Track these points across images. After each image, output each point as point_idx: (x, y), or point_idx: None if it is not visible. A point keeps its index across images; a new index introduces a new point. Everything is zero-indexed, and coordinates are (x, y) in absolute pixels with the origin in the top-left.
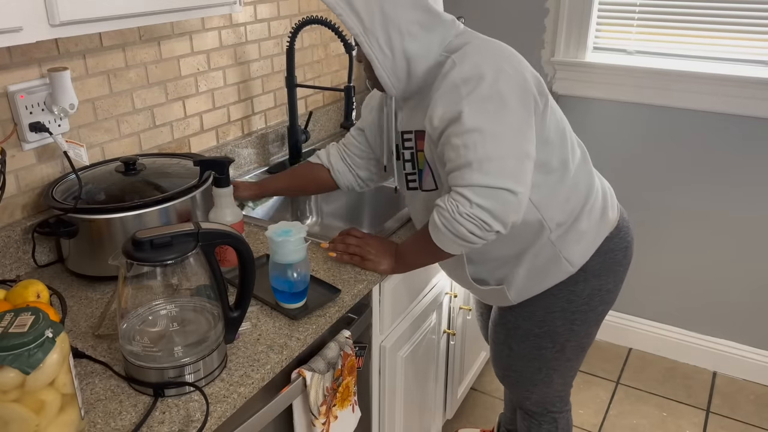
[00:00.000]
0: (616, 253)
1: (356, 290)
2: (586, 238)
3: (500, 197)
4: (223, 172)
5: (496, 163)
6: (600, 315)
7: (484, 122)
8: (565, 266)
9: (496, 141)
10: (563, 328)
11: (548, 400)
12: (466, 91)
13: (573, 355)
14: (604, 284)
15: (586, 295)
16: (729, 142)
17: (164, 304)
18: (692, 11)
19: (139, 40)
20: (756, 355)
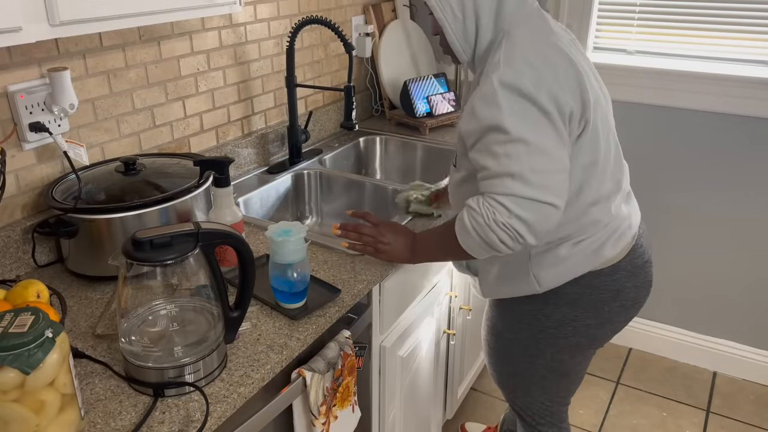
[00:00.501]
0: (601, 291)
1: (356, 290)
2: (564, 264)
3: (542, 211)
4: (223, 172)
5: (540, 176)
6: (574, 347)
7: (528, 133)
8: (531, 283)
9: (541, 153)
10: (529, 342)
11: (535, 412)
12: (506, 99)
13: (549, 375)
14: (580, 317)
15: (555, 320)
16: (729, 142)
17: (164, 304)
18: (692, 11)
19: (139, 40)
20: (756, 355)
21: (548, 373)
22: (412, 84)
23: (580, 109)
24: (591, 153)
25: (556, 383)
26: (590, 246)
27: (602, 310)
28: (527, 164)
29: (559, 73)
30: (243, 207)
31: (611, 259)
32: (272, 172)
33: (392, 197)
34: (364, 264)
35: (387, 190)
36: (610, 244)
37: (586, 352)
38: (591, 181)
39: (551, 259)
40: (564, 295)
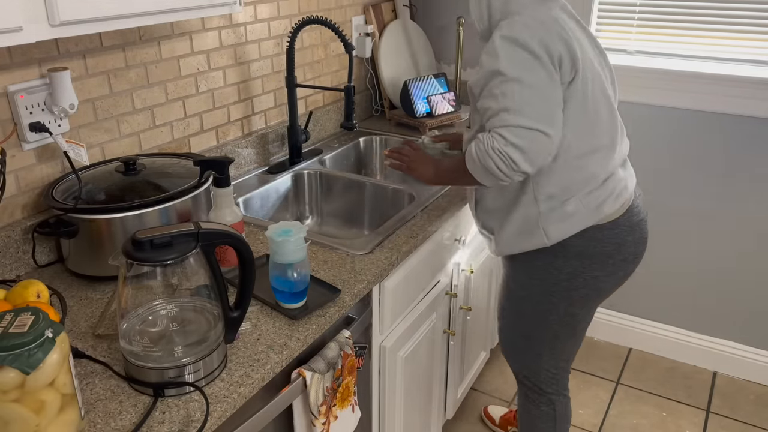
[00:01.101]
0: (605, 244)
1: (356, 290)
2: (569, 220)
3: (535, 139)
4: (223, 172)
5: (532, 108)
6: (584, 298)
7: (521, 73)
8: (540, 236)
9: (533, 89)
10: (542, 297)
11: (541, 378)
12: (505, 51)
13: (560, 332)
14: (588, 269)
15: (567, 272)
16: (729, 142)
17: (164, 304)
18: (692, 11)
19: (139, 40)
20: (756, 355)
21: (560, 329)
22: (412, 84)
23: (570, 58)
24: (583, 101)
25: (565, 342)
26: (592, 202)
27: (607, 263)
28: (521, 99)
29: (551, 28)
30: (243, 207)
31: (611, 215)
32: (272, 172)
33: (392, 197)
34: (365, 264)
35: (387, 190)
36: (609, 202)
37: (593, 306)
38: (585, 129)
39: (558, 215)
40: (571, 248)
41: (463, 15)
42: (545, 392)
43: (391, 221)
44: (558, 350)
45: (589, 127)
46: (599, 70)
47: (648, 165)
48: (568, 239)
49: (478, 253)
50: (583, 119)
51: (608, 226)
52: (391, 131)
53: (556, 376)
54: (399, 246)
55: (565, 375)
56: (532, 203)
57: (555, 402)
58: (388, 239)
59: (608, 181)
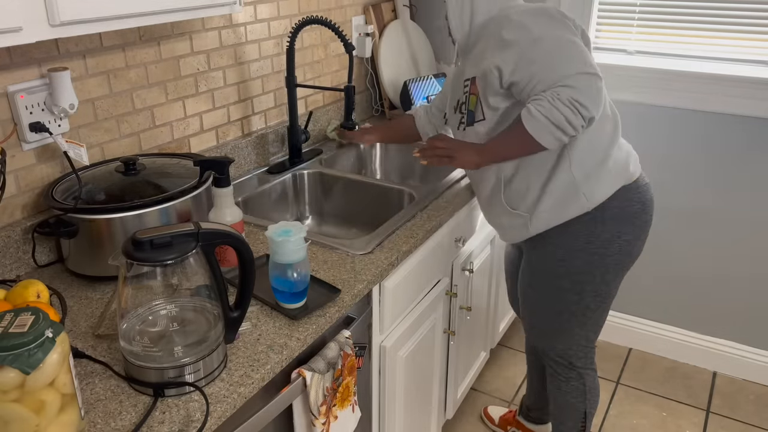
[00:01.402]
0: (633, 204)
1: (356, 290)
2: (606, 179)
3: (592, 81)
4: (223, 172)
5: (578, 57)
6: (618, 265)
7: (556, 31)
8: (582, 201)
9: (572, 43)
10: (581, 269)
11: (572, 353)
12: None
13: (593, 303)
14: (623, 232)
15: (604, 239)
16: (729, 143)
17: (164, 304)
18: (692, 11)
19: (139, 40)
20: (756, 355)
21: (592, 300)
22: (412, 84)
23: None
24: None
25: (596, 312)
26: (620, 162)
27: (635, 224)
28: (564, 51)
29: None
30: (243, 207)
31: (634, 173)
32: (272, 172)
33: (392, 197)
34: (365, 264)
35: (387, 190)
36: (631, 161)
37: (623, 272)
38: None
39: (595, 178)
40: (608, 211)
41: None
42: (575, 367)
43: (391, 221)
44: (589, 323)
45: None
46: None
47: (648, 165)
48: (605, 201)
49: (478, 253)
50: None
51: (633, 186)
52: None
53: (585, 348)
54: (399, 246)
55: (593, 348)
56: (567, 171)
57: (584, 376)
58: (388, 239)
59: (621, 142)
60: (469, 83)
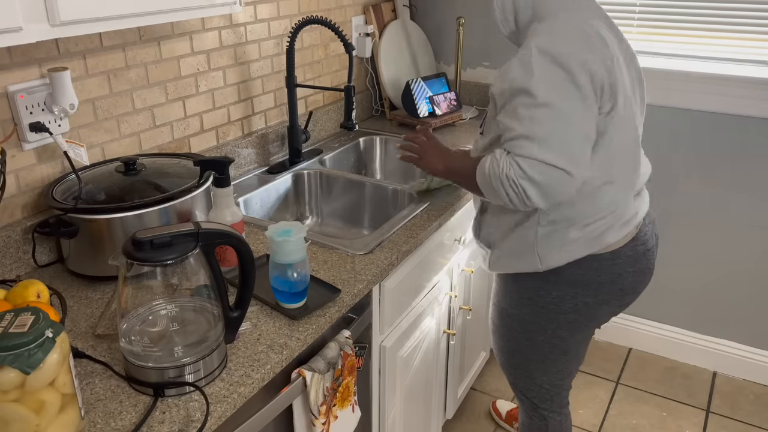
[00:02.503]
0: (600, 274)
1: (356, 290)
2: (569, 247)
3: (555, 176)
4: (223, 172)
5: (560, 142)
6: (573, 324)
7: (555, 99)
8: (534, 260)
9: (565, 120)
10: (530, 318)
11: (535, 395)
12: (539, 65)
13: (549, 353)
14: (579, 294)
15: (555, 296)
16: (729, 143)
17: (164, 304)
18: (692, 11)
19: (139, 40)
20: (756, 355)
21: (549, 350)
22: (414, 84)
23: (609, 86)
24: (614, 134)
25: (557, 362)
26: (595, 231)
27: (601, 291)
28: (549, 129)
29: (594, 46)
30: (243, 207)
31: (613, 244)
32: (272, 172)
33: (392, 197)
34: (365, 264)
35: (387, 190)
36: (613, 231)
37: (585, 331)
38: (607, 161)
39: (556, 241)
40: (563, 275)
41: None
42: (538, 407)
43: (391, 221)
44: (550, 369)
45: (611, 160)
46: (631, 95)
47: None
48: (562, 266)
49: (478, 253)
50: (608, 152)
51: (608, 257)
52: (392, 131)
53: (549, 392)
54: (399, 246)
55: (561, 392)
56: (533, 226)
57: (548, 419)
58: (388, 239)
59: (617, 210)
60: None
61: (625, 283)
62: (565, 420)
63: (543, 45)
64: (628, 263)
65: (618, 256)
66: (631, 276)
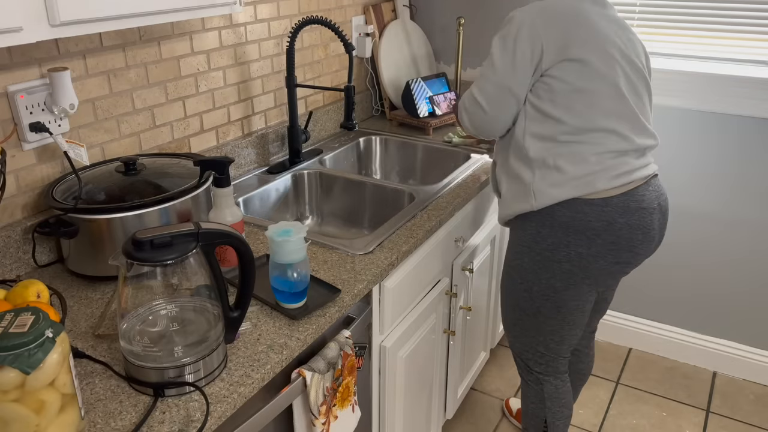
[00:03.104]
0: (591, 219)
1: (356, 290)
2: (559, 186)
3: (475, 107)
4: (223, 172)
5: (483, 82)
6: (567, 274)
7: (496, 52)
8: (529, 199)
9: (494, 68)
10: (528, 266)
11: (528, 356)
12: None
13: (544, 308)
14: (573, 242)
15: (550, 242)
16: (729, 143)
17: (164, 304)
18: (692, 11)
19: (139, 40)
20: (756, 355)
21: (542, 303)
22: (414, 84)
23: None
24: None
25: (550, 319)
26: (584, 175)
27: (594, 241)
28: (483, 73)
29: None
30: (243, 207)
31: (602, 192)
32: (272, 172)
33: (392, 197)
34: (365, 264)
35: (387, 190)
36: (603, 178)
37: (580, 287)
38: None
39: (549, 181)
40: (557, 218)
41: (462, 15)
42: (532, 371)
43: (391, 221)
44: (546, 329)
45: (583, 109)
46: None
47: None
48: (554, 207)
49: (478, 253)
50: (577, 101)
51: (598, 202)
52: (392, 131)
53: (545, 356)
54: (399, 246)
55: (557, 359)
56: (529, 167)
57: (543, 382)
58: (388, 239)
59: (606, 159)
60: None
61: (619, 234)
62: (562, 386)
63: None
64: (617, 212)
65: (608, 204)
66: (624, 228)
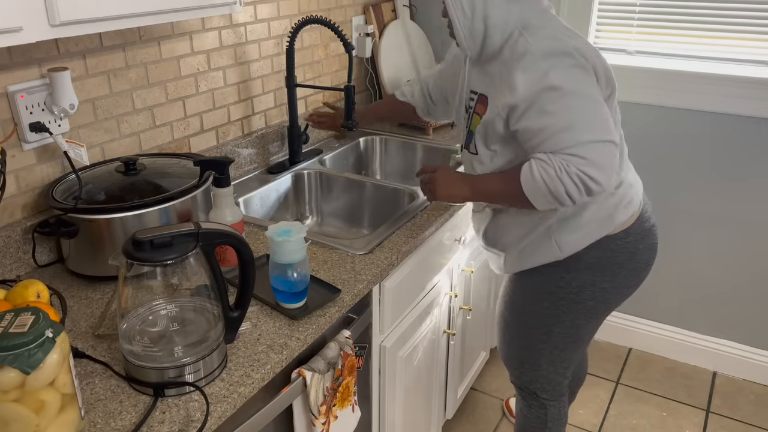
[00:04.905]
0: (617, 254)
1: (356, 290)
2: (585, 229)
3: (608, 150)
4: (223, 172)
5: (598, 119)
6: (591, 311)
7: (579, 86)
8: (554, 249)
9: (592, 100)
10: (549, 311)
11: (538, 385)
12: (550, 64)
13: (561, 343)
14: (598, 280)
15: (576, 285)
16: (729, 143)
17: (164, 304)
18: (692, 11)
19: (139, 40)
20: (756, 355)
21: (562, 341)
22: None
23: (603, 70)
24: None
25: (566, 351)
26: (605, 211)
27: (618, 274)
28: (584, 111)
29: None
30: (243, 207)
31: (624, 223)
32: (272, 172)
33: (392, 197)
34: (365, 264)
35: (387, 190)
36: (621, 210)
37: (600, 318)
38: None
39: (571, 226)
40: (584, 260)
41: None
42: (539, 397)
43: (391, 221)
44: (558, 360)
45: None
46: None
47: (647, 165)
48: (581, 251)
49: (478, 253)
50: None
51: (621, 236)
52: (392, 131)
53: (552, 382)
54: (399, 246)
55: (563, 381)
56: (549, 216)
57: (548, 407)
58: (388, 239)
59: (619, 188)
60: (476, 97)
61: (639, 260)
62: (563, 408)
63: (541, 48)
64: (638, 239)
65: (629, 234)
66: (643, 253)
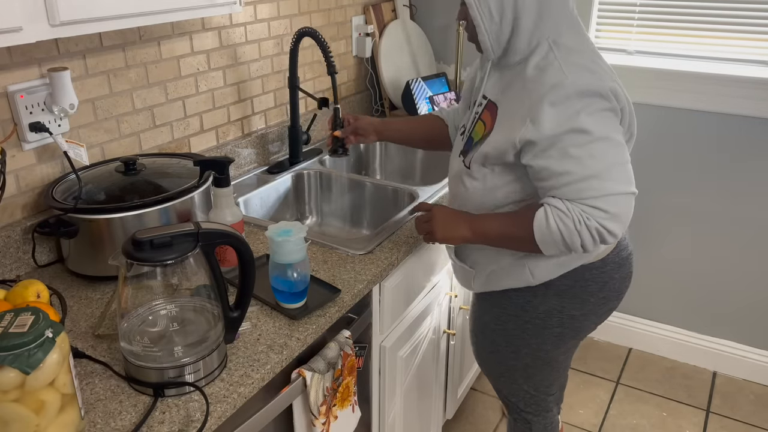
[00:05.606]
0: (589, 283)
1: (356, 290)
2: (561, 257)
3: (629, 203)
4: (223, 172)
5: (623, 169)
6: (558, 337)
7: (608, 131)
8: (525, 275)
9: (618, 147)
10: (515, 333)
11: (520, 400)
12: (583, 104)
13: (532, 363)
14: (567, 307)
15: (542, 311)
16: (729, 143)
17: (164, 304)
18: (692, 11)
19: (139, 40)
20: (756, 355)
21: (532, 361)
22: (414, 84)
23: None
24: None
25: (540, 372)
26: None
27: (587, 302)
28: (612, 161)
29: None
30: (243, 207)
31: (601, 252)
32: (272, 172)
33: (392, 197)
34: (365, 264)
35: (387, 190)
36: None
37: (569, 343)
38: None
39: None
40: (555, 286)
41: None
42: (523, 411)
43: (391, 221)
44: (534, 377)
45: None
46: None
47: (647, 165)
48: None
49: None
50: None
51: (598, 265)
52: None
53: (535, 397)
54: (399, 246)
55: (547, 398)
56: None
57: (532, 423)
58: (388, 239)
59: None
60: (485, 103)
61: (611, 289)
62: (549, 423)
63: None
64: (614, 269)
65: (606, 263)
66: (617, 282)
